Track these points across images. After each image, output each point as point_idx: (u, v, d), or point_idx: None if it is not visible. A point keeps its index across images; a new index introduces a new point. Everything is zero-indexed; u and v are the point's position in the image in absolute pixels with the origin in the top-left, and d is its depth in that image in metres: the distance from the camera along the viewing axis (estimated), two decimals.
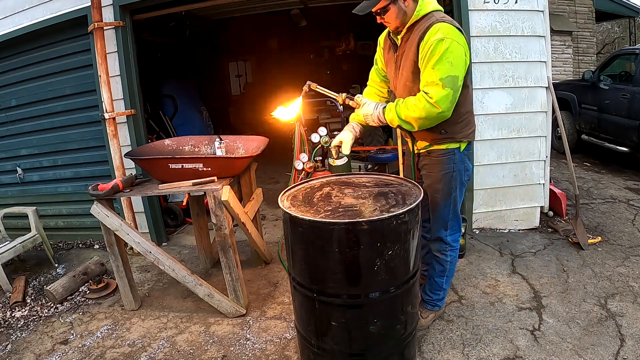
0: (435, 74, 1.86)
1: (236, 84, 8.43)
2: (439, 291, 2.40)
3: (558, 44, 8.56)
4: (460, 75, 1.89)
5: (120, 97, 3.67)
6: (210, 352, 2.43)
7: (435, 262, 2.35)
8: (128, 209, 3.70)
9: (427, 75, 1.89)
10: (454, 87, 1.87)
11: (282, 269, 3.30)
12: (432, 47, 1.85)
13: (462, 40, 1.91)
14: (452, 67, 1.85)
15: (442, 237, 2.28)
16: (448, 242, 2.29)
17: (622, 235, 3.43)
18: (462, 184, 2.22)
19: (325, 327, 1.89)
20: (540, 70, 3.35)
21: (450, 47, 1.84)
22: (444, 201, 2.20)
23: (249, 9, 5.58)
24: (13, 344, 2.69)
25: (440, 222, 2.26)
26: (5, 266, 3.40)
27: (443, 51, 1.84)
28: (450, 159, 2.13)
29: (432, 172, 2.19)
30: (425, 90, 1.89)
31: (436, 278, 2.37)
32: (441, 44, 1.84)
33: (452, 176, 2.16)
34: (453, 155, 2.13)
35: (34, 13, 3.72)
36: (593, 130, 5.74)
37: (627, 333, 2.28)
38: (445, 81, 1.84)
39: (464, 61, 1.90)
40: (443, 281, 2.37)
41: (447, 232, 2.27)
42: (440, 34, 1.85)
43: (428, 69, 1.89)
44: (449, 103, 1.88)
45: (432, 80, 1.87)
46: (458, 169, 2.16)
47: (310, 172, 3.47)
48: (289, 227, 1.85)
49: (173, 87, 5.56)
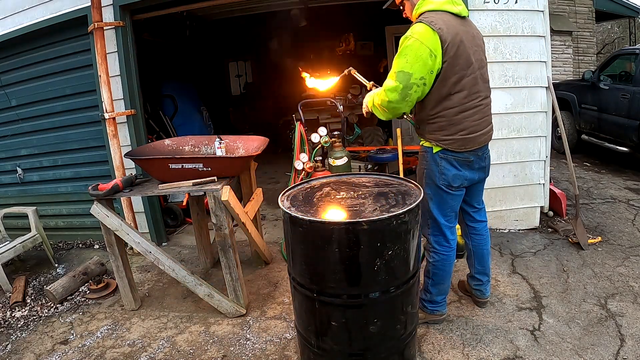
0: (393, 66, 1.98)
1: (236, 84, 8.42)
2: (426, 292, 2.39)
3: (558, 44, 8.57)
4: (414, 74, 1.92)
5: (120, 97, 3.67)
6: (210, 352, 2.43)
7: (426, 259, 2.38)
8: (128, 209, 3.70)
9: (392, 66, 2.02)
10: (403, 82, 1.93)
11: (282, 269, 3.30)
12: (401, 41, 1.98)
13: (431, 41, 1.90)
14: (406, 63, 1.92)
15: (425, 234, 2.30)
16: (430, 242, 2.30)
17: (622, 235, 3.43)
18: (437, 186, 2.16)
19: (325, 327, 1.89)
20: (540, 70, 3.35)
21: (411, 45, 1.92)
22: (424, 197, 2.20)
23: (249, 9, 5.58)
24: (13, 344, 2.69)
25: (424, 218, 2.25)
26: (5, 266, 3.40)
27: (403, 47, 1.95)
28: (424, 156, 2.21)
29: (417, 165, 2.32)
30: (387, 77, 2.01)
31: (425, 276, 2.38)
32: (405, 40, 1.95)
33: (424, 173, 2.22)
34: (426, 153, 2.19)
35: (34, 13, 3.72)
36: (593, 130, 5.74)
37: (627, 333, 2.28)
38: (397, 74, 1.95)
39: (424, 62, 1.91)
40: (428, 282, 2.35)
41: (429, 230, 2.28)
42: (409, 32, 1.96)
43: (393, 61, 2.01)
44: (398, 96, 1.96)
45: (391, 71, 1.99)
46: (430, 169, 2.17)
47: (310, 172, 3.47)
48: (289, 227, 1.85)
49: (173, 87, 5.56)
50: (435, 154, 2.13)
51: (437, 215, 2.23)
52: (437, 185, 2.17)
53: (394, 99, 1.97)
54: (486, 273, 2.52)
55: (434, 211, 2.22)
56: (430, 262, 2.31)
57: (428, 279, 2.35)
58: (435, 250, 2.28)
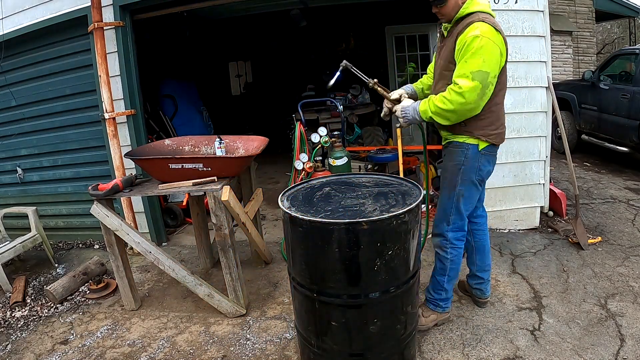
0: (467, 66, 1.96)
1: (236, 84, 8.42)
2: (441, 291, 2.37)
3: (558, 44, 8.56)
4: (491, 72, 1.97)
5: (120, 97, 3.67)
6: (210, 352, 2.43)
7: (436, 258, 2.37)
8: (128, 209, 3.70)
9: (460, 67, 2.00)
10: (482, 82, 1.95)
11: (282, 269, 3.30)
12: (468, 42, 1.96)
13: (499, 40, 2.00)
14: (484, 63, 1.95)
15: (442, 231, 2.29)
16: (449, 239, 2.29)
17: (622, 235, 3.43)
18: (472, 182, 2.22)
19: (325, 327, 1.89)
20: (540, 70, 3.35)
21: (485, 44, 1.94)
22: (448, 193, 2.24)
23: (249, 8, 5.58)
24: (13, 344, 2.69)
25: (442, 215, 2.28)
26: (5, 266, 3.40)
27: (477, 47, 1.94)
28: (463, 152, 2.17)
29: (445, 162, 2.28)
30: (456, 80, 1.99)
31: (437, 276, 2.37)
32: (476, 40, 1.95)
33: (459, 169, 2.19)
34: (467, 150, 2.17)
35: (34, 13, 3.72)
36: (593, 130, 5.74)
37: (627, 333, 2.28)
38: (475, 74, 1.94)
39: (497, 60, 1.99)
40: (444, 280, 2.35)
41: (449, 227, 2.27)
42: (477, 32, 1.96)
43: (462, 62, 1.99)
44: (476, 96, 1.96)
45: (463, 72, 1.97)
46: (470, 165, 2.18)
47: (310, 172, 3.47)
48: (289, 227, 1.85)
49: (173, 87, 5.56)
50: (480, 150, 2.17)
51: (464, 211, 2.27)
52: (472, 181, 2.22)
53: (473, 99, 1.97)
54: (487, 270, 2.53)
55: (462, 207, 2.25)
56: (448, 258, 2.31)
57: (443, 277, 2.35)
58: (454, 245, 2.30)
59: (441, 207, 2.29)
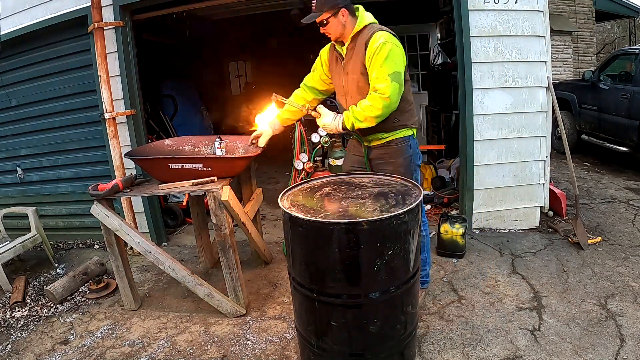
0: (383, 71, 2.16)
1: (236, 84, 8.42)
2: (425, 266, 2.60)
3: (558, 44, 8.56)
4: (402, 72, 2.22)
5: (120, 97, 3.67)
6: (210, 352, 2.43)
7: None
8: (128, 209, 3.70)
9: (377, 73, 2.18)
10: (399, 81, 2.19)
11: (282, 269, 3.30)
12: (378, 49, 2.16)
13: (400, 44, 2.26)
14: (395, 64, 2.18)
15: None
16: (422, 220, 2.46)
17: (622, 235, 3.43)
18: (418, 166, 2.50)
19: (325, 327, 1.89)
20: (540, 70, 3.35)
21: (393, 48, 2.18)
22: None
23: (249, 9, 5.58)
24: (13, 344, 2.69)
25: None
26: (5, 266, 3.40)
27: (388, 52, 2.16)
28: (407, 145, 2.40)
29: (392, 159, 2.41)
30: (376, 87, 2.17)
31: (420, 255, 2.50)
32: (385, 46, 2.16)
33: (410, 160, 2.41)
34: (409, 141, 2.40)
35: (34, 13, 3.72)
36: (593, 130, 5.74)
37: (627, 333, 2.28)
38: (392, 76, 2.16)
39: (403, 61, 2.23)
40: (426, 255, 2.56)
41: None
42: (383, 39, 2.18)
43: (377, 68, 2.18)
44: (397, 95, 2.19)
45: (381, 77, 2.16)
46: (414, 153, 2.43)
47: (310, 172, 3.47)
48: (289, 227, 1.85)
49: (173, 87, 5.55)
50: (413, 137, 2.43)
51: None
52: (418, 165, 2.49)
53: (395, 98, 2.19)
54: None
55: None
56: (424, 235, 2.52)
57: (425, 252, 2.53)
58: (424, 221, 2.53)
59: None
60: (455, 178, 4.18)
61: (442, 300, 2.72)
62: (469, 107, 3.38)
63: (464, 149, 3.51)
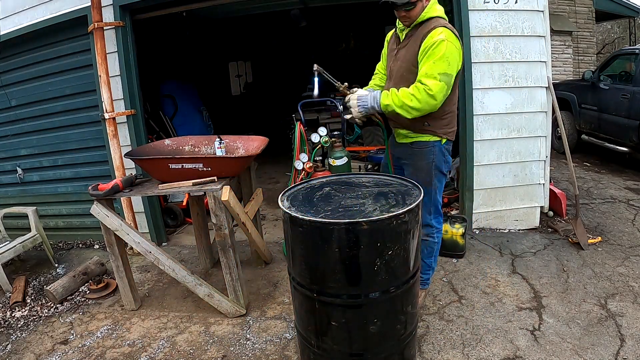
0: (434, 68, 2.08)
1: (236, 84, 8.42)
2: (429, 270, 2.60)
3: (558, 44, 8.56)
4: (453, 75, 2.14)
5: (120, 97, 3.67)
6: (210, 352, 2.43)
7: (424, 246, 2.50)
8: (128, 209, 3.70)
9: (427, 68, 2.10)
10: (448, 83, 2.11)
11: (282, 269, 3.30)
12: (435, 45, 2.08)
13: (459, 46, 2.17)
14: (449, 66, 2.10)
15: (428, 222, 2.47)
16: (434, 225, 2.49)
17: (622, 235, 3.43)
18: (443, 173, 2.43)
19: (325, 327, 1.89)
20: (540, 70, 3.35)
21: (450, 48, 2.09)
22: (426, 189, 2.31)
23: (249, 9, 5.58)
24: (13, 344, 2.69)
25: (424, 209, 2.42)
26: (5, 266, 3.40)
27: (444, 51, 2.08)
28: (431, 150, 2.34)
29: (413, 162, 2.40)
30: (423, 81, 2.10)
31: (426, 260, 2.55)
32: (443, 44, 2.08)
33: (432, 166, 2.37)
34: (433, 147, 2.34)
35: (34, 13, 3.72)
36: (593, 130, 5.74)
37: (627, 333, 2.28)
38: (442, 76, 2.09)
39: (458, 64, 2.16)
40: (432, 261, 2.58)
41: (431, 216, 2.47)
42: (443, 36, 2.09)
43: (429, 63, 2.10)
44: (442, 96, 2.12)
45: (431, 74, 2.09)
46: (439, 159, 2.37)
47: (310, 172, 3.47)
48: (289, 227, 1.85)
49: (173, 87, 5.55)
50: (443, 145, 2.36)
51: (440, 198, 2.50)
52: (442, 173, 2.42)
53: (440, 99, 2.12)
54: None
55: (438, 196, 2.46)
56: (435, 242, 2.52)
57: (431, 259, 2.56)
58: (439, 229, 2.53)
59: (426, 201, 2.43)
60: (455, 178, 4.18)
61: (442, 300, 2.72)
62: (468, 107, 3.38)
63: (464, 149, 3.51)
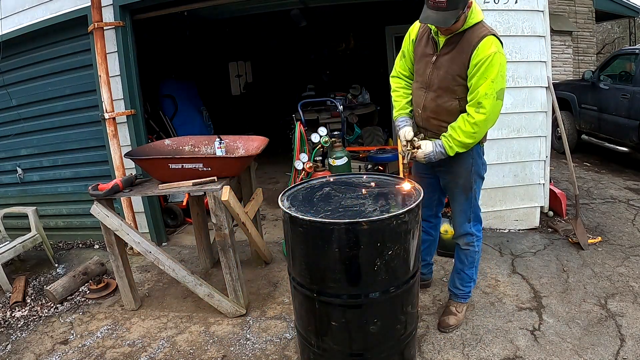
0: (493, 87, 1.94)
1: (236, 84, 8.42)
2: (470, 282, 2.45)
3: (558, 44, 8.56)
4: (505, 86, 2.02)
5: (120, 97, 3.67)
6: (210, 352, 2.43)
7: (464, 255, 2.40)
8: (128, 209, 3.70)
9: (486, 87, 1.94)
10: (503, 99, 2.01)
11: (282, 269, 3.30)
12: (490, 59, 1.91)
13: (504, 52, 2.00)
14: (503, 80, 1.98)
15: (467, 230, 2.34)
16: (474, 233, 2.35)
17: (622, 235, 3.42)
18: (481, 177, 2.31)
19: (325, 327, 1.89)
20: (540, 70, 3.35)
21: (503, 61, 1.96)
22: (465, 196, 2.27)
23: (249, 9, 5.58)
24: (13, 344, 2.69)
25: (464, 217, 2.32)
26: (5, 266, 3.40)
27: (499, 65, 1.93)
28: (469, 154, 2.20)
29: (452, 169, 2.25)
30: (483, 103, 1.95)
31: (467, 271, 2.41)
32: (497, 57, 1.92)
33: (472, 171, 2.23)
34: (472, 151, 2.19)
35: (34, 13, 3.72)
36: (593, 130, 5.74)
37: (627, 333, 2.28)
38: (499, 93, 1.96)
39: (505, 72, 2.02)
40: (473, 272, 2.43)
41: (471, 224, 2.33)
42: (494, 48, 1.92)
43: (487, 82, 1.93)
44: (498, 113, 2.02)
45: (490, 93, 1.94)
46: (477, 163, 2.24)
47: (310, 172, 3.47)
48: (289, 227, 1.85)
49: (173, 87, 5.55)
50: (481, 148, 2.26)
51: (478, 204, 2.34)
52: (481, 177, 2.30)
53: (496, 117, 2.04)
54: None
55: (478, 202, 2.32)
56: (477, 251, 2.38)
57: (472, 269, 2.41)
58: (479, 237, 2.38)
59: (460, 211, 2.32)
60: None
61: (442, 300, 2.72)
62: None
63: None
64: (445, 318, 2.44)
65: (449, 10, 1.85)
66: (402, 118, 2.32)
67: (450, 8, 1.85)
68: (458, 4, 1.85)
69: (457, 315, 2.44)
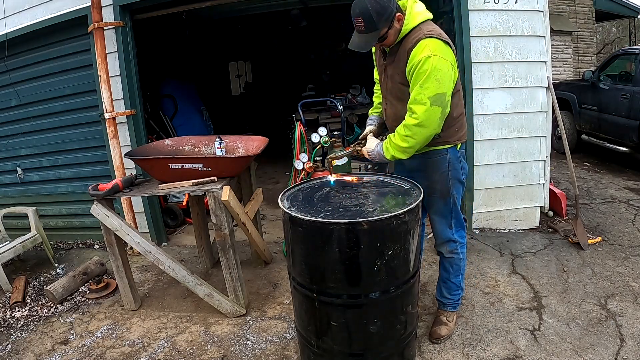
0: (423, 92, 1.87)
1: (236, 84, 8.42)
2: (458, 291, 2.39)
3: (558, 44, 8.56)
4: (448, 92, 1.91)
5: (120, 97, 3.67)
6: (210, 352, 2.43)
7: (448, 264, 2.33)
8: (128, 209, 3.70)
9: (415, 93, 1.91)
10: (442, 104, 1.89)
11: (282, 269, 3.30)
12: (421, 64, 1.86)
13: (449, 54, 1.92)
14: (439, 84, 1.86)
15: (450, 237, 2.27)
16: (457, 240, 2.28)
17: (622, 235, 3.43)
18: (461, 182, 2.22)
19: (325, 327, 1.89)
20: (540, 70, 3.35)
21: (437, 64, 1.85)
22: (443, 201, 2.20)
23: (249, 9, 5.59)
24: (13, 344, 2.69)
25: (444, 223, 2.25)
26: (5, 266, 3.40)
27: (431, 69, 1.85)
28: (445, 158, 2.14)
29: (427, 174, 2.18)
30: (413, 108, 1.92)
31: (453, 279, 2.35)
32: (428, 61, 1.85)
33: (447, 176, 2.16)
34: (447, 155, 2.13)
35: (34, 13, 3.72)
36: (593, 130, 5.74)
37: (627, 333, 2.28)
38: (433, 99, 1.87)
39: (451, 77, 1.92)
40: (460, 280, 2.37)
41: (453, 230, 2.27)
42: (427, 51, 1.86)
43: (416, 87, 1.90)
44: (438, 120, 1.92)
45: (420, 99, 1.89)
46: (454, 167, 2.16)
47: (310, 172, 3.47)
48: (289, 227, 1.85)
49: (173, 87, 5.55)
50: (457, 150, 2.16)
51: (459, 210, 2.26)
52: (460, 181, 2.21)
53: (436, 125, 1.93)
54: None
55: (457, 207, 2.24)
56: (461, 258, 2.32)
57: (458, 277, 2.35)
58: (462, 243, 2.31)
59: (439, 216, 2.25)
60: None
61: None
62: (468, 107, 3.37)
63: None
64: (436, 328, 2.35)
65: (367, 33, 1.90)
66: (372, 117, 2.44)
67: (368, 30, 1.88)
68: (377, 24, 1.86)
69: (448, 325, 2.37)
